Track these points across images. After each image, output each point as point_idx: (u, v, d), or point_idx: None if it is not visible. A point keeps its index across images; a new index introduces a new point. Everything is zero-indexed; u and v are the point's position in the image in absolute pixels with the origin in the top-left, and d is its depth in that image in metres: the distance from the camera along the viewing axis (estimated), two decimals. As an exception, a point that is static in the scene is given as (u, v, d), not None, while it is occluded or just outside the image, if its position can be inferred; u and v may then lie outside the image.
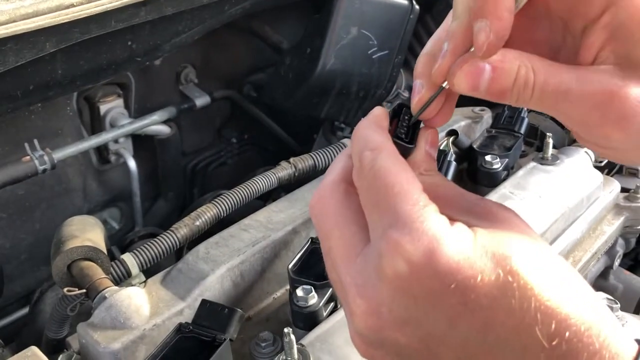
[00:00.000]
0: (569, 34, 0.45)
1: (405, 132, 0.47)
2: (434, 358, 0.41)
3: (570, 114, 0.42)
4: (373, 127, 0.45)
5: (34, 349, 0.77)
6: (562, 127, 1.35)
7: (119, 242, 1.41)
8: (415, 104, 0.46)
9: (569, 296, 0.39)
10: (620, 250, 1.20)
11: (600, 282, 1.21)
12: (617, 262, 1.20)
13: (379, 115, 0.46)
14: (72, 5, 0.79)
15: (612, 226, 1.14)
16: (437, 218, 0.39)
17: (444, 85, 0.44)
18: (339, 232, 0.44)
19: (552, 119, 1.34)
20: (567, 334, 0.38)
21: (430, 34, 1.60)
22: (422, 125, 0.48)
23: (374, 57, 1.35)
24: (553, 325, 0.38)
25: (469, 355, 0.40)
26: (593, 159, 1.17)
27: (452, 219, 0.40)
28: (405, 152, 0.46)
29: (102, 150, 1.46)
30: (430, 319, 0.39)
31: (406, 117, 0.47)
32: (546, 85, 0.41)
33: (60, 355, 0.85)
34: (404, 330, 0.40)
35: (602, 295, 0.91)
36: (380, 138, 0.44)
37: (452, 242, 0.39)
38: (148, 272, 0.94)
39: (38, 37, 0.82)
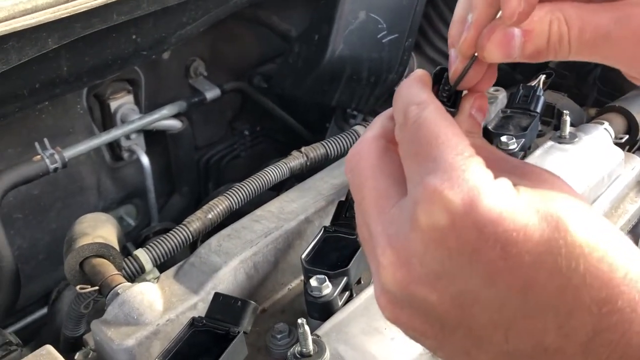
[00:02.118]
0: None
1: (447, 96, 0.45)
2: (466, 320, 0.37)
3: (615, 56, 0.39)
4: (419, 84, 0.43)
5: (49, 347, 0.77)
6: (580, 104, 1.32)
7: (135, 238, 1.41)
8: (452, 75, 0.44)
9: (622, 260, 0.35)
10: (644, 229, 1.16)
11: (625, 262, 1.18)
12: (641, 241, 1.17)
13: (422, 75, 0.44)
14: (72, -1, 0.78)
15: (635, 204, 1.10)
16: (480, 169, 0.36)
17: (476, 54, 0.42)
18: (374, 183, 0.41)
19: (570, 96, 1.31)
20: (619, 302, 0.34)
21: (440, 16, 1.56)
22: (465, 91, 0.46)
23: (383, 41, 1.32)
24: (604, 291, 0.34)
25: (506, 317, 0.36)
26: (613, 136, 1.14)
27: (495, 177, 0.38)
28: None
29: (114, 148, 1.46)
30: (465, 275, 0.36)
31: (449, 82, 0.45)
32: (583, 34, 0.39)
33: (77, 353, 0.85)
34: (435, 286, 0.37)
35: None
36: (426, 94, 0.41)
37: (495, 193, 0.35)
38: (164, 267, 0.94)
39: (39, 33, 0.81)
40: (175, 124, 1.46)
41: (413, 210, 0.37)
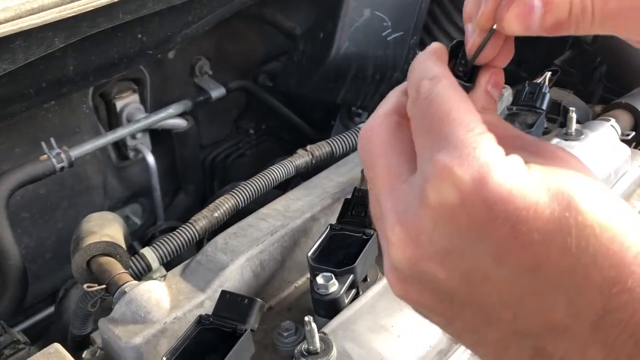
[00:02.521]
0: None
1: (463, 71, 0.44)
2: (475, 297, 0.37)
3: (638, 28, 0.38)
4: (433, 58, 0.42)
5: (57, 345, 0.77)
6: (586, 101, 1.31)
7: (142, 237, 1.42)
8: (469, 50, 0.43)
9: (634, 240, 0.34)
10: (652, 226, 1.15)
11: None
12: (649, 238, 1.16)
13: (437, 48, 0.43)
14: (78, -2, 0.79)
15: (642, 201, 1.10)
16: (491, 146, 0.36)
17: (494, 27, 0.41)
18: (385, 161, 0.41)
19: (576, 93, 1.30)
20: (629, 282, 0.33)
21: (446, 13, 1.55)
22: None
23: (388, 38, 1.32)
24: (614, 271, 0.34)
25: (515, 295, 0.36)
26: (619, 132, 1.13)
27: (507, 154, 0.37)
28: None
29: (120, 147, 1.46)
30: (475, 252, 0.35)
31: (465, 56, 0.44)
32: (607, 3, 0.37)
33: (85, 351, 0.86)
34: (444, 263, 0.37)
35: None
36: (440, 68, 0.41)
37: (505, 171, 0.35)
38: (170, 265, 0.94)
39: (46, 32, 0.82)
40: (180, 123, 1.47)
41: (423, 187, 0.37)
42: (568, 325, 0.35)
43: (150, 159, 1.45)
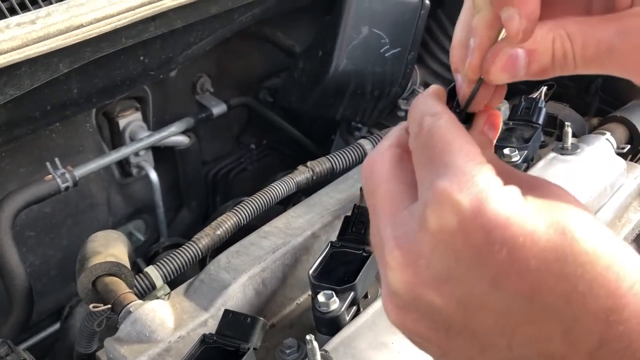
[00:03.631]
0: None
1: (459, 113, 0.46)
2: (471, 324, 0.37)
3: (621, 68, 0.40)
4: (433, 97, 0.43)
5: (64, 365, 0.78)
6: (583, 114, 1.33)
7: (145, 254, 1.43)
8: (461, 99, 0.45)
9: (629, 270, 0.35)
10: (648, 237, 1.17)
11: (630, 271, 1.18)
12: (646, 250, 1.17)
13: (437, 89, 0.45)
14: (82, 26, 0.81)
15: (638, 213, 1.11)
16: (490, 175, 0.37)
17: (482, 77, 0.43)
18: (387, 187, 0.42)
19: (572, 105, 1.32)
20: (625, 313, 0.34)
21: (443, 29, 1.57)
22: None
23: (386, 55, 1.34)
24: (610, 300, 0.34)
25: (511, 323, 0.36)
26: (615, 146, 1.15)
27: None
28: None
29: (123, 164, 1.48)
30: (472, 278, 0.36)
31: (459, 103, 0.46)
32: (586, 49, 0.39)
33: (91, 370, 0.87)
34: (441, 289, 0.37)
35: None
36: (440, 107, 0.42)
37: (503, 198, 0.36)
38: (173, 283, 0.95)
39: (51, 59, 0.84)
40: (183, 140, 1.48)
41: (422, 212, 0.37)
42: (564, 353, 0.35)
43: (153, 175, 1.46)
